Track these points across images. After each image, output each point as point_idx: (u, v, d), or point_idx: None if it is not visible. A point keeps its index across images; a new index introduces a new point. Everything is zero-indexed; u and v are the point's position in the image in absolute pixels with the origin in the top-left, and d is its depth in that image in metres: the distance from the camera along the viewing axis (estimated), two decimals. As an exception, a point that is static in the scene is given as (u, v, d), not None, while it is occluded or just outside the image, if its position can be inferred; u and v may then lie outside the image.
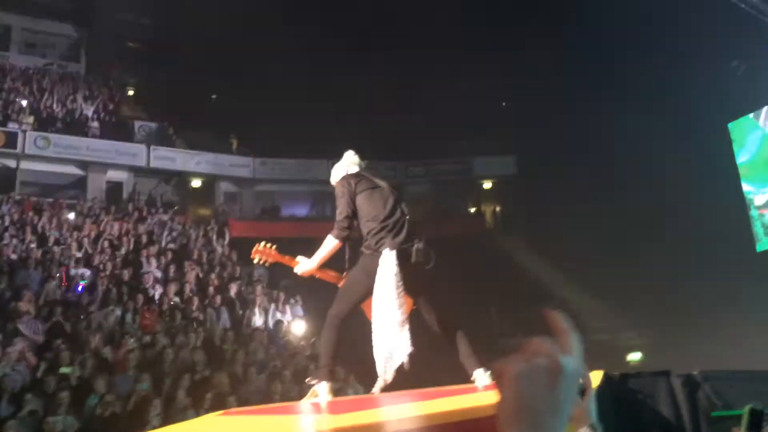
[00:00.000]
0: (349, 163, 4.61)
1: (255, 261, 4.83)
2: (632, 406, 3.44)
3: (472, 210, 25.57)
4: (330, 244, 4.37)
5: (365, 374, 8.88)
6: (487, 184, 24.87)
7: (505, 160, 23.75)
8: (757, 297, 13.01)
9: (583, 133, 19.32)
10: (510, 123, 21.18)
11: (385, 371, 4.09)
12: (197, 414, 7.10)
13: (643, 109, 17.44)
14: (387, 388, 4.14)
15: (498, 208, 24.93)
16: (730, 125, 16.04)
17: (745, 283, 13.62)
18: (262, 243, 4.82)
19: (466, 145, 23.00)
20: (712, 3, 15.15)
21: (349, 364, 9.43)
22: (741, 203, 15.48)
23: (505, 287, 16.54)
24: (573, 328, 0.97)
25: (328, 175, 4.75)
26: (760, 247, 15.01)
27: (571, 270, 17.36)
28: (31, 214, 15.29)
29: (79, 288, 11.80)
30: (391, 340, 4.03)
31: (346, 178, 4.42)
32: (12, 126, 19.66)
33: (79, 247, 13.59)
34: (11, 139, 19.42)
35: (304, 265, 4.50)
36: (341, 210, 4.32)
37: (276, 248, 4.81)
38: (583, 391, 2.03)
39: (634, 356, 16.26)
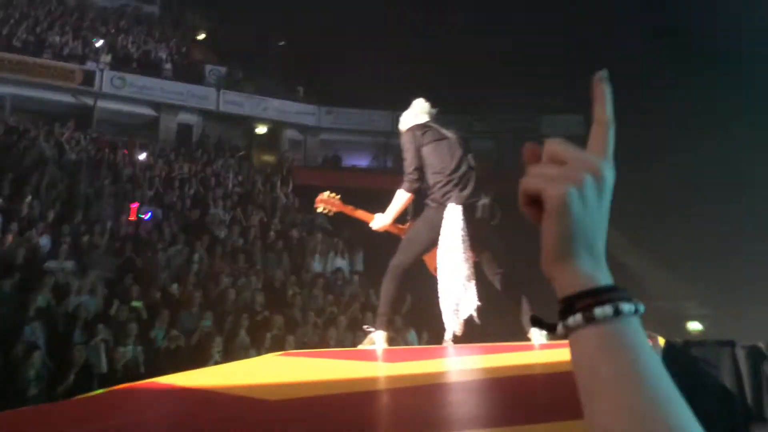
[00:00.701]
0: (417, 111, 4.54)
1: (318, 210, 4.90)
2: (694, 375, 3.39)
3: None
4: (402, 197, 4.38)
5: (425, 325, 9.02)
6: (554, 144, 24.25)
7: (574, 119, 23.04)
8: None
9: (658, 94, 18.58)
10: (581, 80, 20.46)
11: (453, 323, 4.13)
12: (258, 353, 7.38)
13: (717, 74, 16.67)
14: (456, 341, 4.19)
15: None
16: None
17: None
18: (327, 192, 4.86)
19: (533, 101, 22.41)
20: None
21: (410, 314, 9.57)
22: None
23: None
24: (612, 117, 0.81)
25: (391, 127, 4.72)
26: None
27: (635, 235, 16.93)
28: (106, 151, 15.86)
29: (147, 218, 12.26)
30: (458, 293, 4.05)
31: (413, 129, 4.37)
32: (90, 64, 20.29)
33: (151, 185, 14.07)
34: (89, 78, 20.07)
35: (379, 221, 4.53)
36: (409, 162, 4.29)
37: (339, 198, 4.85)
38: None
39: (695, 326, 15.90)
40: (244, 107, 22.53)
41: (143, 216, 12.37)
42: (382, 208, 4.54)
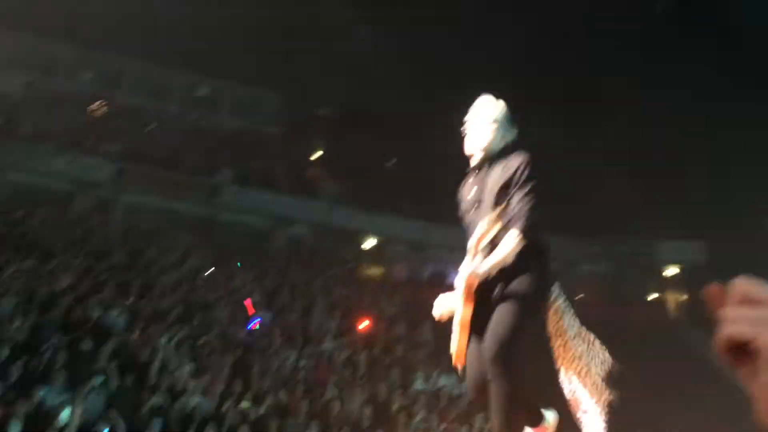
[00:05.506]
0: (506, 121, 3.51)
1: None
2: None
3: (653, 297, 23.79)
4: None
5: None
6: (672, 270, 23.09)
7: (695, 245, 21.97)
8: None
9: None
10: (702, 204, 19.67)
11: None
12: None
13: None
14: None
15: (684, 297, 22.96)
16: None
17: None
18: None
19: (650, 226, 21.64)
20: None
21: None
22: None
23: (689, 385, 15.10)
24: None
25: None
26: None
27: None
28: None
29: (255, 327, 12.44)
30: None
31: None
32: (216, 179, 21.76)
33: (263, 292, 14.46)
34: (216, 190, 21.50)
35: None
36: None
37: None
38: None
39: None
40: (353, 221, 23.12)
41: (254, 322, 12.60)
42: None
